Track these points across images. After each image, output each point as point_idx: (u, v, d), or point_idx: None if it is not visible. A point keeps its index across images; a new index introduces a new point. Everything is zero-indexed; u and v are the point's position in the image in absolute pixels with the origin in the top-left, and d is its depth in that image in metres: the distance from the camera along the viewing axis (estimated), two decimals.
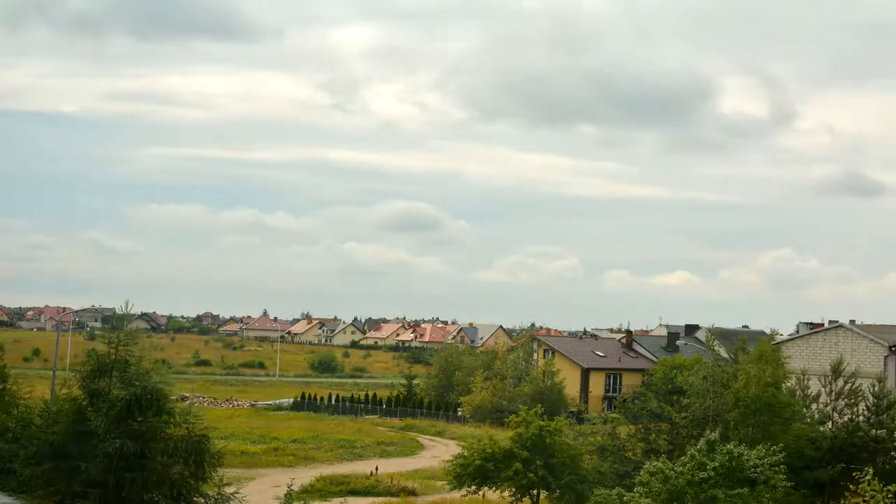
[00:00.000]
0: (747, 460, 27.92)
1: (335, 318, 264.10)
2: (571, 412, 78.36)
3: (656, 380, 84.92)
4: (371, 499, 46.65)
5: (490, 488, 38.75)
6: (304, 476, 50.42)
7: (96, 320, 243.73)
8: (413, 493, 48.60)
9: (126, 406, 17.06)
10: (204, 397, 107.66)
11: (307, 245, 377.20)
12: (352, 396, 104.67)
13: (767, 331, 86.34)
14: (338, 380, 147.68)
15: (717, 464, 27.34)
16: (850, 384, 41.03)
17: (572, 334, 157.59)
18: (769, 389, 36.39)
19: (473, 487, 38.44)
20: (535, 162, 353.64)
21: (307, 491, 45.61)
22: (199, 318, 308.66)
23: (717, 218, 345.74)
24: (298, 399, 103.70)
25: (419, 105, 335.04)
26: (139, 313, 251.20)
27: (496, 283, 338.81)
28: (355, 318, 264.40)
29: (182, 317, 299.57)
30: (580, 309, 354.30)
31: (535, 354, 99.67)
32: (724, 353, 54.47)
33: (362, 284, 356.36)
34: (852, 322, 58.62)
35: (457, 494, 40.59)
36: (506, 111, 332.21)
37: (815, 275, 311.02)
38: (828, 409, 41.11)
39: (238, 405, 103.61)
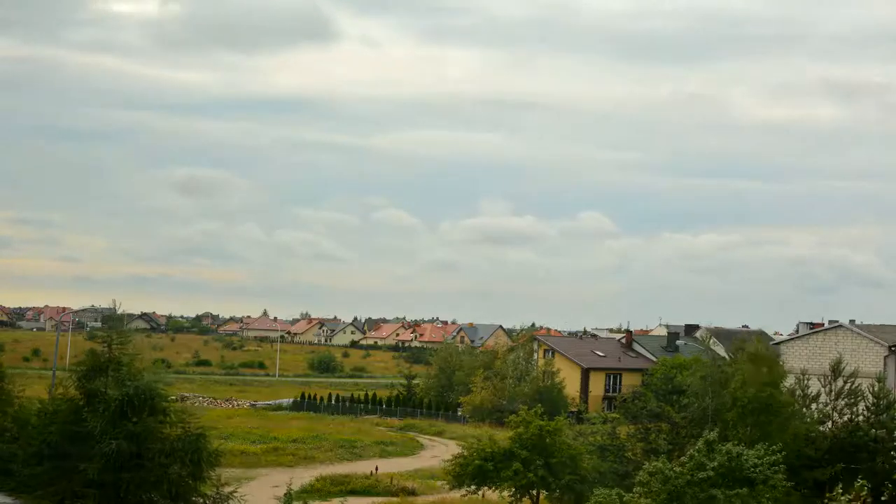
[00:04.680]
0: (746, 460, 27.92)
1: (335, 317, 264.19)
2: (571, 412, 78.31)
3: (656, 380, 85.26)
4: (371, 499, 46.63)
5: (490, 488, 38.72)
6: (303, 476, 50.40)
7: (96, 320, 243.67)
8: (413, 492, 48.58)
9: (120, 406, 16.99)
10: (204, 397, 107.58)
11: None
12: (352, 396, 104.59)
13: (767, 331, 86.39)
14: (337, 380, 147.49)
15: (716, 464, 27.35)
16: (849, 384, 40.96)
17: (572, 334, 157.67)
18: (767, 389, 36.33)
19: (473, 487, 38.42)
20: None
21: (307, 491, 45.60)
22: (198, 318, 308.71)
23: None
24: (298, 399, 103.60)
25: None
26: (139, 313, 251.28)
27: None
28: (355, 318, 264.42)
29: (182, 317, 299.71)
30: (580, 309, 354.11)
31: (535, 354, 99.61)
32: (723, 353, 54.45)
33: None
34: (852, 322, 58.60)
35: (456, 494, 40.56)
36: None
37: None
38: (827, 408, 41.02)
39: (238, 405, 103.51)
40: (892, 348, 50.98)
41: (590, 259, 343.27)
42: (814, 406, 41.36)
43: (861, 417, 39.63)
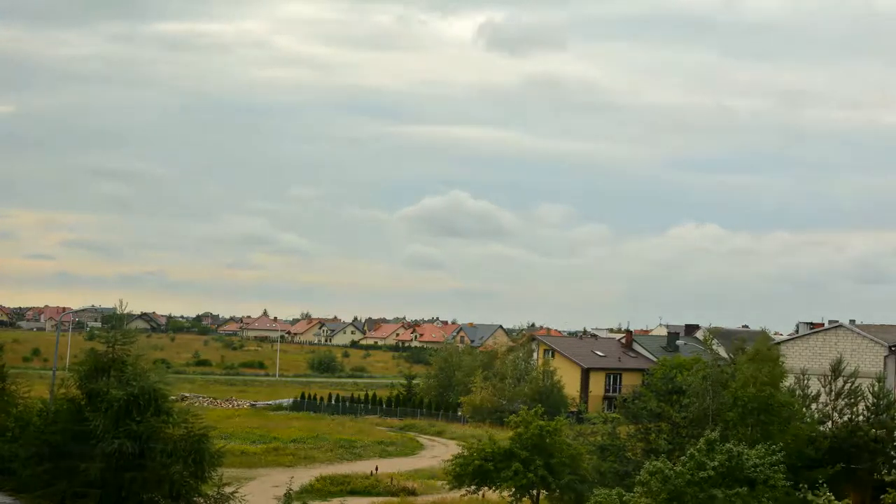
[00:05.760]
0: (747, 460, 27.94)
1: (335, 317, 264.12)
2: (571, 412, 78.35)
3: (656, 380, 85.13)
4: (371, 499, 46.65)
5: (490, 488, 38.74)
6: (303, 476, 50.42)
7: (96, 320, 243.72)
8: (413, 492, 48.61)
9: (124, 406, 17.02)
10: (204, 397, 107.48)
11: None
12: (352, 396, 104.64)
13: (767, 331, 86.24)
14: (337, 380, 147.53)
15: (716, 463, 27.36)
16: (849, 384, 40.98)
17: (572, 334, 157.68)
18: (767, 389, 36.35)
19: (473, 487, 38.44)
20: None
21: (307, 491, 45.62)
22: (198, 318, 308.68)
23: None
24: (298, 399, 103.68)
25: None
26: (139, 313, 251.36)
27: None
28: (355, 318, 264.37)
29: (182, 317, 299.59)
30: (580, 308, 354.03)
31: (535, 354, 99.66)
32: (723, 353, 54.44)
33: None
34: (852, 322, 58.58)
35: (456, 494, 40.60)
36: None
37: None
38: (828, 408, 41.05)
39: (238, 405, 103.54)
40: (893, 348, 50.92)
41: (590, 258, 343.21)
42: (814, 406, 41.39)
43: (861, 417, 39.67)
